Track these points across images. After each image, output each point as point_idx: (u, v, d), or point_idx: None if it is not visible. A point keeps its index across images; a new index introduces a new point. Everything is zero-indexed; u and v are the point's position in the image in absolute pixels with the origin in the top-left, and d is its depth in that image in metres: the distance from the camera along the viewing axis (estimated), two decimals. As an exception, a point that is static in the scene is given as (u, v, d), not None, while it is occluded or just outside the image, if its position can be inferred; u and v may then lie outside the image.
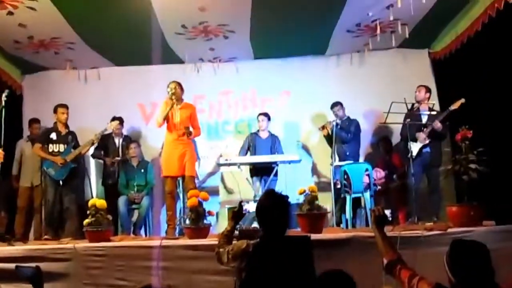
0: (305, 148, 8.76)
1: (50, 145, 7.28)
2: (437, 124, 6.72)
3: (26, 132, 8.37)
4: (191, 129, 6.97)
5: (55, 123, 7.42)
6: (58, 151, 7.26)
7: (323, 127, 7.80)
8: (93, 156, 8.26)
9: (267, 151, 7.86)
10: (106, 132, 7.65)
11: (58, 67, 8.72)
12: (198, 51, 8.37)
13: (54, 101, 7.62)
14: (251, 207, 6.71)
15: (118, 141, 8.04)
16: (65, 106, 7.40)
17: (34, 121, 8.14)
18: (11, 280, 4.99)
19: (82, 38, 7.46)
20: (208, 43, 7.94)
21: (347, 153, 7.71)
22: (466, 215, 5.29)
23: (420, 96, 7.08)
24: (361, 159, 8.04)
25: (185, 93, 7.13)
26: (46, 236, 6.82)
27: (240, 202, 4.12)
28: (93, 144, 7.46)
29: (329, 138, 7.78)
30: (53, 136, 7.31)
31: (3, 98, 6.25)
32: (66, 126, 7.44)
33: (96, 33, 7.35)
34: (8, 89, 6.64)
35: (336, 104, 7.84)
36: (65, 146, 7.30)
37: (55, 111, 7.37)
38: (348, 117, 7.88)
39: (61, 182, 7.16)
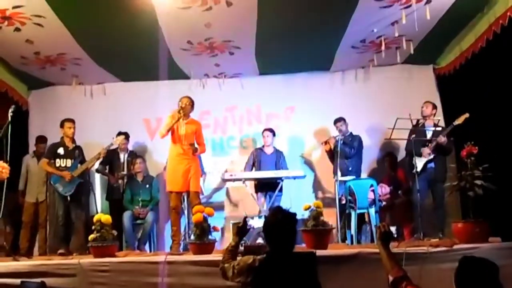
0: (309, 164, 8.75)
1: (57, 160, 7.27)
2: (442, 139, 6.72)
3: (32, 147, 8.38)
4: (196, 145, 6.97)
5: (62, 137, 7.41)
6: (65, 166, 7.25)
7: (326, 142, 7.80)
8: (98, 171, 8.26)
9: (272, 167, 7.87)
10: (112, 147, 7.66)
11: (64, 83, 8.77)
12: (204, 67, 8.41)
13: (60, 117, 7.66)
14: (255, 223, 6.71)
15: (123, 156, 8.04)
16: (72, 121, 7.40)
17: (40, 140, 8.14)
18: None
19: (89, 54, 7.50)
20: (213, 59, 7.97)
21: (350, 169, 7.67)
22: (472, 231, 5.27)
23: (426, 111, 7.09)
24: (364, 175, 8.02)
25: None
26: (60, 251, 6.80)
27: (245, 218, 4.11)
28: (99, 158, 7.46)
29: (330, 153, 7.80)
30: (60, 151, 7.30)
31: (9, 113, 6.25)
32: (73, 140, 7.44)
33: (102, 49, 7.39)
34: (14, 105, 6.64)
35: (339, 120, 7.83)
36: (72, 161, 7.29)
37: (62, 125, 7.36)
38: (351, 133, 7.87)
39: (69, 198, 7.15)
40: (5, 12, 6.07)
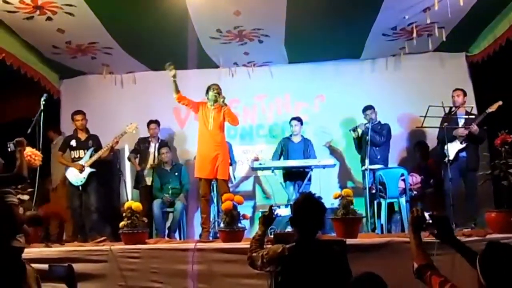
0: (335, 153, 8.69)
1: (72, 152, 7.54)
2: (474, 127, 6.61)
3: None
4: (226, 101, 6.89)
5: (75, 130, 7.65)
6: (79, 157, 7.49)
7: (355, 129, 7.74)
8: (129, 159, 8.36)
9: (299, 156, 7.83)
10: (125, 135, 7.75)
11: (95, 72, 8.86)
12: (233, 56, 8.41)
13: (91, 106, 7.80)
14: (283, 211, 6.69)
15: (154, 145, 8.08)
16: (81, 113, 7.63)
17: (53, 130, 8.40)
18: (46, 280, 5.05)
19: (119, 43, 7.56)
20: (242, 47, 7.96)
21: (378, 157, 7.57)
22: (506, 221, 5.18)
23: (459, 100, 6.98)
24: (394, 164, 7.94)
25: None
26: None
27: (271, 206, 4.09)
28: (112, 149, 7.57)
29: (358, 141, 7.76)
30: (73, 143, 7.57)
31: (42, 102, 6.37)
32: (86, 131, 7.64)
33: (132, 38, 7.44)
34: (46, 94, 6.76)
35: (369, 108, 7.74)
36: (86, 151, 7.50)
37: (72, 118, 7.63)
38: (379, 122, 7.77)
39: (80, 188, 7.36)
40: (37, 1, 6.15)
